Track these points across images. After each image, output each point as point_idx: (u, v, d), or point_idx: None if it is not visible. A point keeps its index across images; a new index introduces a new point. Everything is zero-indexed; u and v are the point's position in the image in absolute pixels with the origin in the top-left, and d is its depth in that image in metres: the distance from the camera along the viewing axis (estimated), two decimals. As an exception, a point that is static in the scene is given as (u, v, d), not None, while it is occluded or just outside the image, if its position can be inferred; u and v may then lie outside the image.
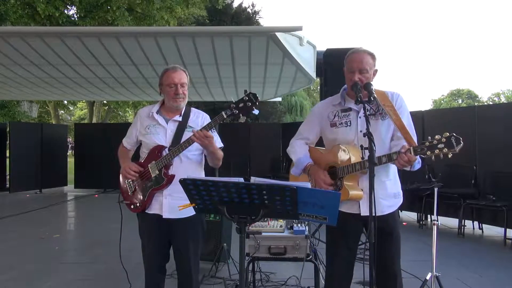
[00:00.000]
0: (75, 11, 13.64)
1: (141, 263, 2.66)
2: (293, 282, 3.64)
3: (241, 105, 2.30)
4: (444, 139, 1.94)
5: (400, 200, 2.37)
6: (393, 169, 2.33)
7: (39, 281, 4.00)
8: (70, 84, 9.36)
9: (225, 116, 2.33)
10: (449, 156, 1.94)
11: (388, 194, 2.30)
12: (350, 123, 2.31)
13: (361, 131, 2.22)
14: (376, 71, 2.32)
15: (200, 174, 2.63)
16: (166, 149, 2.50)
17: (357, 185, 2.25)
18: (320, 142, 2.54)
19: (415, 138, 2.11)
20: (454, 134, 1.94)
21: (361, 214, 2.25)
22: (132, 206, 2.58)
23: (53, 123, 21.84)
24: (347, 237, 2.34)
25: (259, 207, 1.79)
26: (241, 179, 1.76)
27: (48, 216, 7.78)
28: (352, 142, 2.28)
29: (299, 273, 3.38)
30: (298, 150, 2.48)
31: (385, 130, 2.28)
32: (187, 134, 2.50)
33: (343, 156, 2.22)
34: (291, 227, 3.06)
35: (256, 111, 2.32)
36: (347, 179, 2.23)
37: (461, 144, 1.92)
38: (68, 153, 14.00)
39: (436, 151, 1.95)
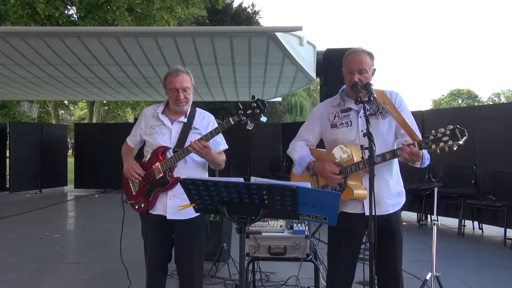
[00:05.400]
0: (75, 11, 13.61)
1: (140, 262, 2.66)
2: (293, 282, 3.64)
3: (249, 111, 2.30)
4: (449, 132, 1.92)
5: (403, 199, 2.37)
6: (395, 167, 2.33)
7: (39, 281, 4.00)
8: (70, 84, 9.34)
9: (232, 123, 2.33)
10: (454, 148, 1.91)
11: (392, 193, 2.30)
12: (351, 123, 2.31)
13: (362, 131, 2.22)
14: (374, 70, 2.32)
15: (204, 175, 2.63)
16: (171, 150, 2.50)
17: (361, 185, 2.24)
18: (320, 145, 2.53)
19: (418, 134, 2.09)
20: (459, 126, 1.91)
21: (366, 214, 2.23)
22: (136, 206, 2.58)
23: (53, 123, 21.82)
24: (350, 238, 2.34)
25: (259, 207, 1.79)
26: (241, 179, 1.76)
27: (48, 216, 7.78)
28: (354, 142, 2.27)
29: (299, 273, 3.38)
30: (299, 149, 2.47)
31: (387, 129, 2.28)
32: (192, 136, 2.51)
33: (343, 154, 2.22)
34: (291, 227, 3.05)
35: (264, 118, 2.31)
36: (350, 178, 2.22)
37: (466, 136, 1.90)
38: (68, 153, 13.99)
39: (441, 144, 1.93)
